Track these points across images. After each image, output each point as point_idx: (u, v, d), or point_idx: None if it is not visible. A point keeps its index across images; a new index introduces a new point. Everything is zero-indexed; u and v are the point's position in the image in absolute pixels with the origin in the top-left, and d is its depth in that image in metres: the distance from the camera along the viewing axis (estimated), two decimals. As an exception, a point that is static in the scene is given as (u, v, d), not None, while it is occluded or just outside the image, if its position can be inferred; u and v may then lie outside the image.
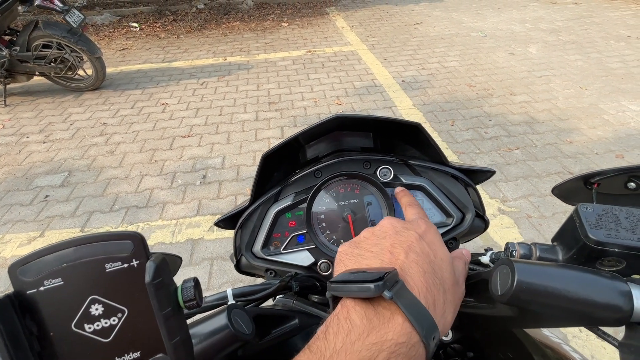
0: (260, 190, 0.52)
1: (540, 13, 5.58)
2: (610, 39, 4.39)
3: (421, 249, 0.32)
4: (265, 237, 0.52)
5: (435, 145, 0.48)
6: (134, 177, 2.55)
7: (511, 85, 3.49)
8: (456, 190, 0.51)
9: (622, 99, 3.13)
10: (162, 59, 4.68)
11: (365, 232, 0.37)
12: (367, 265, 0.31)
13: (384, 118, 0.47)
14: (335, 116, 0.45)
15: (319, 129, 0.48)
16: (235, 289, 0.45)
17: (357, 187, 0.53)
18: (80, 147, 2.90)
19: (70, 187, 2.47)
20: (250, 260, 0.51)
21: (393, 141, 0.57)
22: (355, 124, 0.53)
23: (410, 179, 0.52)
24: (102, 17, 6.22)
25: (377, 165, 0.52)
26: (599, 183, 0.40)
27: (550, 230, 1.95)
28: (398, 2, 6.70)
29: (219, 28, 5.85)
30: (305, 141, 0.54)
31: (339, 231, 0.53)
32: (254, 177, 0.48)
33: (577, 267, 0.28)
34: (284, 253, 0.52)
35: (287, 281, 0.45)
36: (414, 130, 0.48)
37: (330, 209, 0.53)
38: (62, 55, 3.44)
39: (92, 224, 2.15)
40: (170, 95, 3.71)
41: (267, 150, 0.46)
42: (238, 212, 0.52)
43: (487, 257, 0.42)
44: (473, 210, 0.51)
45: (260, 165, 0.47)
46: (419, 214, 0.42)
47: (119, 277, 0.26)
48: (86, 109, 3.48)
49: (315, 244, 0.51)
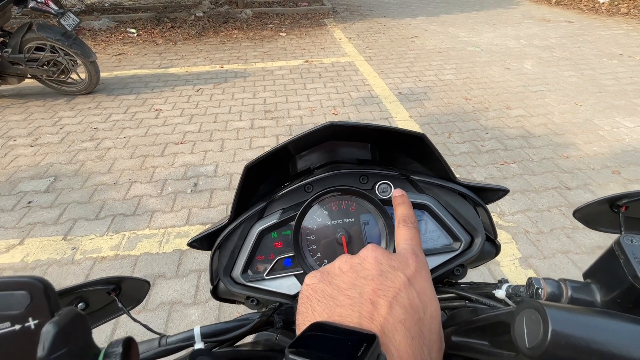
0: (243, 206, 0.46)
1: (535, 30, 5.69)
2: (603, 56, 4.46)
3: (410, 300, 0.26)
4: (246, 259, 0.45)
5: (441, 159, 0.43)
6: (123, 183, 2.47)
7: (507, 99, 3.50)
8: (464, 210, 0.46)
9: (616, 115, 3.15)
10: (158, 64, 4.64)
11: (342, 263, 0.30)
12: (341, 317, 0.25)
13: (384, 127, 0.42)
14: (329, 124, 0.40)
15: (311, 137, 0.42)
16: (205, 326, 0.38)
17: (353, 204, 0.47)
18: (69, 152, 2.82)
19: (56, 192, 2.38)
20: (228, 287, 0.45)
21: (393, 153, 0.51)
22: (352, 133, 0.47)
23: (413, 196, 0.46)
24: (99, 22, 6.20)
25: (376, 180, 0.47)
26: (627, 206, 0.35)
27: (549, 246, 1.90)
28: (395, 16, 6.79)
29: (217, 36, 5.85)
30: (295, 151, 0.49)
31: (331, 254, 0.46)
32: (235, 191, 0.42)
33: (630, 318, 0.22)
34: (267, 279, 0.46)
35: (269, 315, 0.39)
36: (418, 142, 0.43)
37: (322, 228, 0.46)
38: (55, 58, 3.38)
39: (76, 232, 2.06)
40: (164, 101, 3.65)
41: (251, 160, 0.41)
42: (216, 231, 0.46)
43: (503, 292, 0.36)
44: (483, 233, 0.45)
45: (243, 177, 0.41)
46: (412, 240, 0.33)
47: (7, 345, 0.19)
48: (77, 113, 3.41)
49: (303, 269, 0.45)
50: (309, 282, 0.29)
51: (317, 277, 0.29)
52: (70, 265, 1.86)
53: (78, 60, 3.45)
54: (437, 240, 0.46)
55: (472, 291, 0.40)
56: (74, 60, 3.48)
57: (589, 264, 0.31)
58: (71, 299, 0.38)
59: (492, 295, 0.36)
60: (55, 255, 1.91)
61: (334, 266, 0.30)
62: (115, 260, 1.89)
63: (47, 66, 3.41)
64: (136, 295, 0.45)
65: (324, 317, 0.26)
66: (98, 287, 0.39)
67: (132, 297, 0.45)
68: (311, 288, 0.29)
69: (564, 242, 1.92)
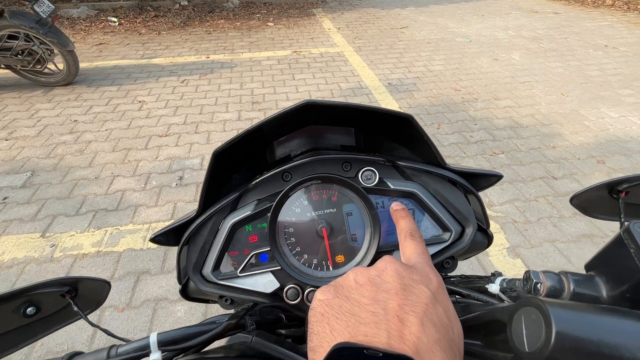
0: (214, 197, 0.42)
1: (522, 21, 5.70)
2: (588, 47, 4.51)
3: (439, 318, 0.23)
4: (218, 255, 0.41)
5: (429, 142, 0.40)
6: (105, 177, 2.38)
7: (495, 90, 3.50)
8: (454, 198, 0.42)
9: (601, 105, 3.19)
10: (142, 55, 4.49)
11: (358, 275, 0.27)
12: (366, 337, 0.22)
13: (366, 107, 0.38)
14: (305, 102, 0.36)
15: (287, 118, 0.38)
16: (163, 333, 0.33)
17: (335, 193, 0.43)
18: (47, 146, 2.70)
19: (33, 188, 2.28)
20: (199, 285, 0.41)
21: (379, 139, 0.48)
22: (332, 114, 0.43)
23: (399, 184, 0.43)
24: (78, 11, 5.94)
25: (359, 167, 0.43)
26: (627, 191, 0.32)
27: (536, 235, 1.92)
28: (385, 6, 6.72)
29: (203, 26, 5.69)
30: (272, 136, 0.44)
31: (312, 248, 0.43)
32: (204, 179, 0.38)
33: None
34: (241, 276, 0.42)
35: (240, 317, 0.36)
36: (405, 124, 0.40)
37: (302, 220, 0.43)
38: (29, 47, 3.22)
39: (55, 229, 1.98)
40: (148, 92, 3.53)
41: (221, 144, 0.37)
42: (184, 224, 0.42)
43: (496, 286, 0.33)
44: (475, 223, 0.42)
45: (211, 164, 0.37)
46: (424, 254, 0.31)
47: None
48: (56, 105, 3.26)
49: (281, 265, 0.41)
50: (321, 297, 0.26)
51: (331, 291, 0.26)
52: (49, 264, 1.78)
53: (55, 49, 3.30)
54: (425, 231, 0.43)
55: (463, 285, 0.37)
56: (50, 50, 3.32)
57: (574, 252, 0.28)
58: (19, 303, 0.34)
59: (485, 290, 0.33)
60: (33, 253, 1.83)
61: (347, 279, 0.27)
62: (97, 257, 1.83)
63: (21, 55, 3.25)
64: (95, 298, 0.41)
65: (345, 337, 0.23)
66: (50, 289, 0.35)
67: (90, 299, 0.41)
68: (325, 304, 0.25)
69: (550, 231, 1.94)
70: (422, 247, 0.32)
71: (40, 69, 3.42)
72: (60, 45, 3.23)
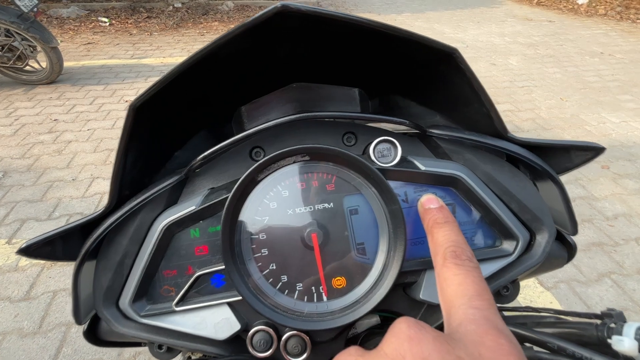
0: (139, 183, 0.27)
1: (518, 28, 5.71)
2: (585, 54, 4.49)
3: None
4: (142, 276, 0.25)
5: (483, 94, 0.25)
6: (83, 179, 2.22)
7: (494, 94, 3.43)
8: (519, 186, 0.27)
9: (601, 110, 3.13)
10: (131, 55, 4.35)
11: None
12: None
13: (384, 26, 0.23)
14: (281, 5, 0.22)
15: (244, 37, 0.23)
16: None
17: (332, 179, 0.27)
18: (23, 145, 2.53)
19: (3, 190, 2.10)
20: (113, 325, 0.25)
21: (396, 101, 0.33)
22: (326, 44, 0.27)
23: (433, 164, 0.27)
24: (68, 10, 5.80)
25: (369, 139, 0.28)
26: None
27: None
28: (381, 12, 6.70)
29: (196, 27, 5.58)
30: (238, 95, 0.29)
31: (294, 267, 0.26)
32: (116, 154, 0.23)
33: None
34: (179, 311, 0.26)
35: None
36: (442, 69, 0.25)
37: (279, 222, 0.27)
38: (10, 42, 3.06)
39: (23, 234, 1.81)
40: (136, 92, 3.39)
41: (145, 90, 0.22)
42: (84, 227, 0.27)
43: (631, 341, 0.19)
44: (552, 227, 0.27)
45: (128, 125, 0.22)
46: (481, 298, 0.16)
47: None
48: (36, 104, 3.10)
49: (242, 294, 0.25)
50: None
51: None
52: (14, 273, 1.61)
53: (37, 45, 3.14)
54: (472, 239, 0.28)
55: (553, 334, 0.23)
56: (32, 46, 3.16)
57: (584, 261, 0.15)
58: None
59: (605, 342, 0.19)
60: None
61: None
62: (68, 265, 1.66)
63: (1, 52, 3.09)
64: None
65: None
66: None
67: None
68: None
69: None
70: (477, 285, 0.17)
71: (21, 66, 3.26)
72: (43, 41, 3.08)
